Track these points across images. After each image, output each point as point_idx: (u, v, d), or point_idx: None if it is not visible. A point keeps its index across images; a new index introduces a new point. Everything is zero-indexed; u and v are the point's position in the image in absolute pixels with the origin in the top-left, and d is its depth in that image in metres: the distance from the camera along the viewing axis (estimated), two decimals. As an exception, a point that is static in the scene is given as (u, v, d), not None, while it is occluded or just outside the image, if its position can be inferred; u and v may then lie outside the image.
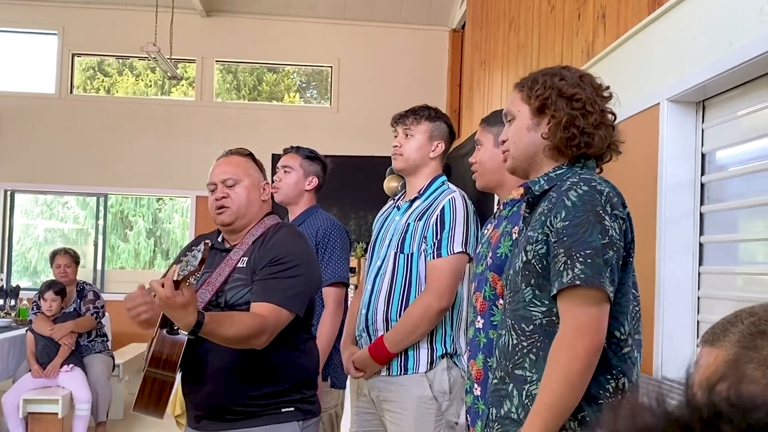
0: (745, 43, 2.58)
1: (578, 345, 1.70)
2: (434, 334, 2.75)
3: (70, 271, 5.83)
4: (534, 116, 1.92)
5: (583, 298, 1.73)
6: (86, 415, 5.41)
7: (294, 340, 2.45)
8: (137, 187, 9.38)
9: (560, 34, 4.74)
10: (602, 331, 1.73)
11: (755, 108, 2.78)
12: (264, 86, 10.62)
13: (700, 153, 3.11)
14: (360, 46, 9.35)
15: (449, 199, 2.78)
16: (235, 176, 2.52)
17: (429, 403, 2.71)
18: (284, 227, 2.56)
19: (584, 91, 1.89)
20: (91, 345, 5.80)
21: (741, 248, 3.00)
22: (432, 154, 2.91)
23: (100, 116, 9.16)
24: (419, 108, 2.97)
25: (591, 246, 1.73)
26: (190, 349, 2.35)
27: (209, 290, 2.42)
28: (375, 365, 2.77)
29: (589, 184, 1.78)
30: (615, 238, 1.75)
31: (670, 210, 3.09)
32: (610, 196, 1.78)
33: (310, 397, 2.51)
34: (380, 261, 2.87)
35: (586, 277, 1.71)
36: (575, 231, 1.74)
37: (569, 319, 1.74)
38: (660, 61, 3.22)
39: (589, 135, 1.88)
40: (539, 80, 1.93)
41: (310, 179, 3.48)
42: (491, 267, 2.30)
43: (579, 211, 1.75)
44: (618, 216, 1.77)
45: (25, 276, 11.04)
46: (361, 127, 8.88)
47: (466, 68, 8.44)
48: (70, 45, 9.24)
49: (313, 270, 2.51)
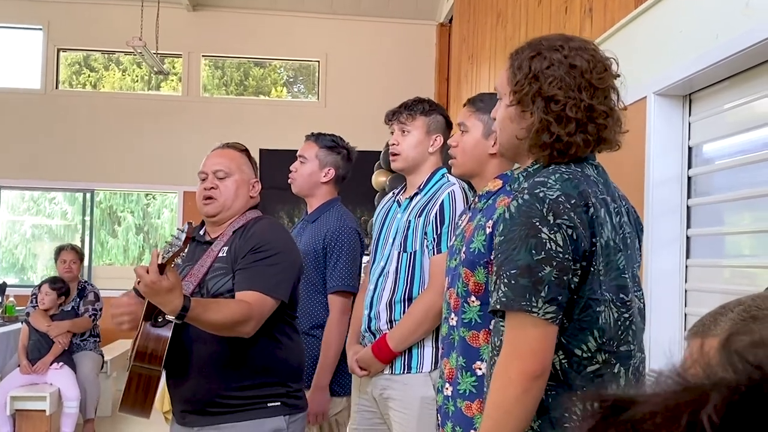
0: (731, 37, 2.59)
1: (511, 370, 1.58)
2: (439, 332, 2.62)
3: (75, 268, 5.81)
4: (516, 108, 1.74)
5: (515, 322, 1.60)
6: (74, 413, 5.39)
7: (277, 333, 2.44)
8: (124, 182, 9.34)
9: (547, 27, 4.74)
10: (540, 355, 1.57)
11: (741, 101, 2.79)
12: (251, 81, 10.58)
13: (686, 146, 3.12)
14: (347, 41, 9.33)
15: (448, 192, 2.68)
16: (227, 169, 2.52)
17: (432, 404, 2.57)
18: (264, 219, 2.57)
19: (570, 86, 1.68)
20: (83, 344, 5.78)
21: (728, 241, 3.01)
22: (431, 149, 2.81)
23: (86, 111, 9.11)
24: (412, 102, 2.86)
25: (516, 265, 1.58)
26: (175, 343, 2.34)
27: (192, 281, 2.42)
28: (378, 364, 2.70)
29: (533, 191, 1.62)
30: (555, 251, 1.57)
31: (658, 203, 3.10)
32: (557, 202, 1.59)
33: (297, 391, 2.50)
34: (384, 261, 2.78)
35: (508, 300, 1.59)
36: (507, 248, 1.61)
37: (505, 343, 1.62)
38: (647, 55, 3.23)
39: (564, 143, 1.68)
40: (524, 66, 1.72)
41: (327, 170, 3.26)
42: (464, 262, 2.16)
43: (514, 224, 1.61)
44: (562, 225, 1.58)
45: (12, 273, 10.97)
46: (349, 121, 8.86)
47: (454, 62, 8.44)
48: (56, 40, 9.18)
49: (294, 257, 2.50)
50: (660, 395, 0.45)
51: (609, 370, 1.68)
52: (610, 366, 1.68)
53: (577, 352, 1.65)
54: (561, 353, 1.65)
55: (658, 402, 0.44)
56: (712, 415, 0.41)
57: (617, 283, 1.69)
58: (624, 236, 1.75)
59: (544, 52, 1.72)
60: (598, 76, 1.72)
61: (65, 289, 5.57)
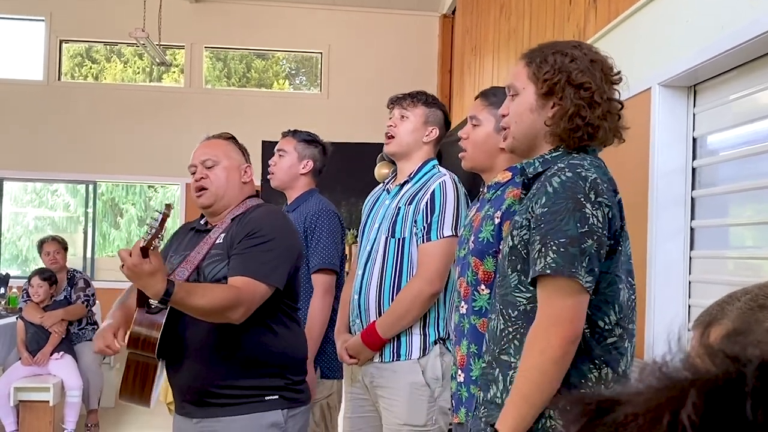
0: (736, 28, 2.58)
1: (551, 335, 1.68)
2: (427, 319, 2.72)
3: (60, 258, 5.81)
4: (540, 98, 1.85)
5: (557, 288, 1.70)
6: (77, 402, 5.40)
7: (272, 322, 2.41)
8: (126, 174, 9.34)
9: (551, 19, 4.73)
10: (577, 322, 1.70)
11: (747, 92, 2.78)
12: (253, 73, 10.57)
13: (691, 137, 3.11)
14: (350, 32, 9.31)
15: (440, 182, 2.74)
16: (214, 157, 2.51)
17: (421, 390, 2.68)
18: (264, 206, 2.54)
19: (594, 78, 1.82)
20: (82, 333, 5.78)
21: (732, 232, 3.01)
22: (426, 139, 2.87)
23: (88, 103, 9.10)
24: (417, 92, 2.94)
25: (566, 234, 1.69)
26: (170, 331, 2.34)
27: (188, 268, 2.40)
28: (368, 351, 2.75)
29: (575, 170, 1.73)
30: (596, 226, 1.70)
31: (662, 195, 3.10)
32: (596, 182, 1.72)
33: (297, 384, 2.47)
34: (370, 245, 2.84)
35: (558, 266, 1.69)
36: (552, 218, 1.71)
37: (544, 309, 1.72)
38: (651, 46, 3.22)
39: (593, 127, 1.81)
40: (549, 60, 1.84)
41: (305, 162, 3.40)
42: (473, 251, 2.23)
43: (559, 198, 1.71)
44: (603, 203, 1.72)
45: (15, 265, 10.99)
46: (352, 113, 8.86)
47: (457, 54, 8.42)
48: (58, 31, 9.17)
49: (291, 243, 2.46)
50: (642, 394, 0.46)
51: (622, 344, 1.81)
52: (623, 340, 1.81)
53: (600, 324, 1.77)
54: (585, 324, 1.76)
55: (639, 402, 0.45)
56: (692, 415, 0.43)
57: (627, 267, 1.83)
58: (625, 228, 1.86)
59: (564, 49, 1.87)
60: (612, 71, 1.87)
61: (54, 279, 5.58)
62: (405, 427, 2.69)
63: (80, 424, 5.51)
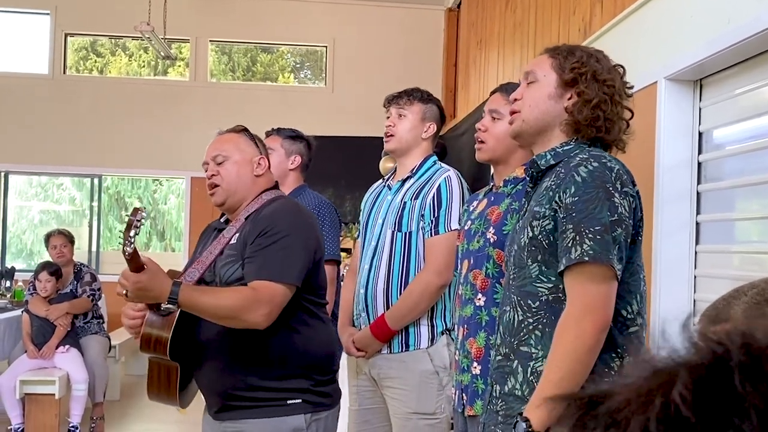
0: (743, 21, 2.57)
1: (586, 322, 1.70)
2: (434, 311, 2.78)
3: (66, 251, 5.82)
4: (560, 87, 1.89)
5: (592, 275, 1.72)
6: (83, 396, 5.42)
7: (296, 322, 2.33)
8: (131, 168, 9.35)
9: (557, 12, 4.72)
10: (610, 309, 1.72)
11: (753, 86, 2.77)
12: (258, 67, 10.56)
13: (697, 132, 3.10)
14: (355, 26, 9.30)
15: (445, 177, 2.80)
16: (225, 153, 2.46)
17: (431, 378, 2.74)
18: (277, 201, 2.45)
19: (616, 81, 1.89)
20: (87, 326, 5.80)
21: (737, 227, 3.00)
22: (424, 135, 2.94)
23: (93, 97, 9.11)
24: (412, 90, 3.00)
25: (600, 222, 1.71)
26: (189, 333, 2.30)
27: (198, 269, 2.35)
28: (377, 343, 2.78)
29: (600, 160, 1.77)
30: (624, 215, 1.74)
31: (668, 189, 3.09)
32: (620, 173, 1.76)
33: (322, 385, 2.38)
34: (375, 240, 2.87)
35: (595, 253, 1.70)
36: (585, 207, 1.73)
37: (577, 296, 1.73)
38: (657, 40, 3.20)
39: (611, 122, 1.87)
40: (576, 54, 1.90)
41: (293, 158, 3.50)
42: (496, 244, 2.27)
43: (589, 187, 1.74)
44: (628, 193, 1.76)
45: (20, 258, 11.02)
46: (356, 107, 8.85)
47: (462, 48, 8.40)
48: (63, 25, 9.17)
49: (306, 239, 2.36)
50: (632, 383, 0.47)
51: (643, 333, 1.84)
52: (643, 330, 1.84)
53: (623, 313, 1.80)
54: None
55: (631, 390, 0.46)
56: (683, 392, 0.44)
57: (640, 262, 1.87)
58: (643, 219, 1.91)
59: (588, 51, 1.94)
60: (626, 84, 1.94)
61: (59, 273, 5.60)
62: (414, 415, 2.73)
63: (85, 417, 5.52)
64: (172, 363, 2.30)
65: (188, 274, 2.34)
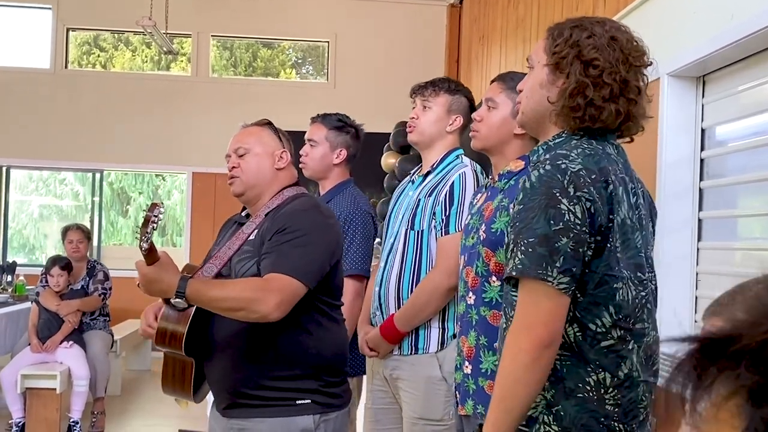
0: (746, 18, 2.56)
1: (522, 339, 1.60)
2: (446, 313, 2.66)
3: (82, 247, 5.81)
4: (551, 72, 1.75)
5: (529, 291, 1.62)
6: (84, 391, 5.42)
7: (309, 323, 2.30)
8: (133, 163, 9.34)
9: (560, 8, 4.71)
10: (551, 326, 1.60)
11: (756, 83, 2.76)
12: (259, 62, 10.55)
13: (699, 128, 3.09)
14: (357, 21, 9.28)
15: (459, 174, 2.67)
16: (246, 145, 2.43)
17: (438, 384, 2.63)
18: (298, 199, 2.41)
19: (609, 56, 1.70)
20: (93, 323, 5.80)
21: (740, 224, 2.99)
22: (449, 128, 2.79)
23: (94, 92, 9.10)
24: (439, 80, 2.86)
25: (535, 234, 1.60)
26: (202, 329, 2.29)
27: (216, 264, 2.33)
28: (386, 345, 2.71)
29: (555, 162, 1.64)
30: (573, 223, 1.59)
31: (670, 185, 3.08)
32: (578, 175, 1.61)
33: (333, 385, 2.35)
34: (393, 237, 2.79)
35: (524, 267, 1.60)
36: (525, 216, 1.62)
37: (517, 312, 1.64)
38: (660, 36, 3.19)
39: (596, 108, 1.69)
40: (564, 33, 1.74)
41: (338, 152, 3.24)
42: (485, 242, 2.20)
43: (534, 194, 1.62)
44: (582, 198, 1.60)
45: (22, 253, 11.03)
46: (359, 103, 8.81)
47: (464, 43, 8.39)
48: (65, 19, 9.16)
49: (326, 239, 2.32)
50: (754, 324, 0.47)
51: (624, 347, 1.69)
52: (625, 342, 1.70)
53: (591, 327, 1.67)
54: (576, 326, 1.67)
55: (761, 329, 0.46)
56: None
57: (635, 262, 1.71)
58: (640, 216, 1.76)
59: (586, 24, 1.76)
60: (636, 53, 1.75)
61: (70, 266, 5.60)
62: (420, 421, 2.66)
63: (86, 412, 5.53)
64: (187, 358, 2.29)
65: (206, 269, 2.32)
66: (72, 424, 5.36)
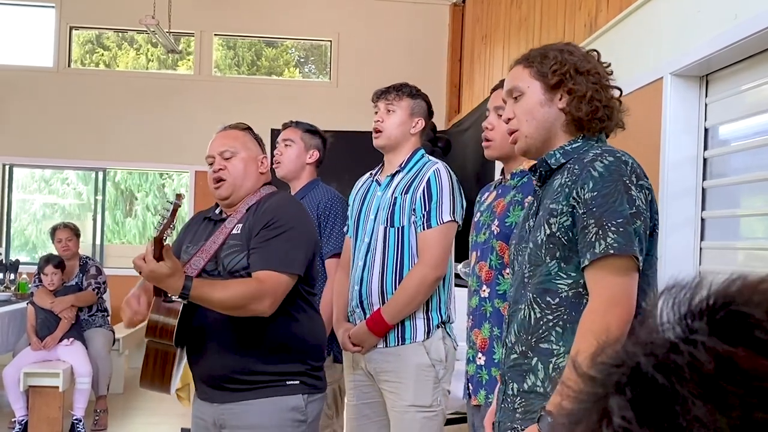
0: (750, 17, 2.56)
1: (611, 315, 1.68)
2: (429, 303, 2.81)
3: (72, 245, 5.82)
4: (547, 92, 1.89)
5: (615, 268, 1.72)
6: (87, 389, 5.43)
7: (295, 310, 2.44)
8: (136, 161, 9.34)
9: (563, 8, 4.70)
10: (633, 301, 1.71)
11: (759, 82, 2.76)
12: (263, 61, 10.55)
13: (703, 128, 3.09)
14: (360, 21, 9.28)
15: (434, 170, 2.82)
16: (233, 148, 2.52)
17: (427, 371, 2.77)
18: (278, 194, 2.57)
19: (594, 66, 1.89)
20: (92, 319, 5.81)
21: (742, 223, 2.99)
22: (413, 130, 2.96)
23: (97, 90, 9.11)
24: (400, 85, 3.03)
25: (622, 215, 1.71)
26: (191, 320, 2.36)
27: (203, 257, 2.42)
28: (373, 338, 2.81)
29: (614, 155, 1.77)
30: (642, 207, 1.74)
31: (673, 185, 3.08)
32: (634, 166, 1.77)
33: (316, 369, 2.49)
34: (368, 237, 2.90)
35: (620, 245, 1.70)
36: (605, 201, 1.73)
37: (601, 290, 1.72)
38: (664, 35, 3.19)
39: (609, 108, 1.87)
40: (550, 55, 1.90)
41: (312, 152, 3.49)
42: (498, 236, 2.32)
43: (607, 181, 1.74)
44: (644, 186, 1.77)
45: (24, 251, 11.04)
46: (361, 102, 8.79)
47: (467, 43, 8.39)
48: (68, 18, 9.17)
49: (308, 231, 2.49)
50: None
51: None
52: None
53: (643, 305, 1.76)
54: None
55: None
56: None
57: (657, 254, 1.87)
58: None
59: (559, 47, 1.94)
60: (603, 66, 1.93)
61: (63, 265, 5.61)
62: (412, 408, 2.76)
63: (89, 410, 5.53)
64: (171, 349, 2.36)
65: (193, 263, 2.40)
66: (75, 422, 5.36)
